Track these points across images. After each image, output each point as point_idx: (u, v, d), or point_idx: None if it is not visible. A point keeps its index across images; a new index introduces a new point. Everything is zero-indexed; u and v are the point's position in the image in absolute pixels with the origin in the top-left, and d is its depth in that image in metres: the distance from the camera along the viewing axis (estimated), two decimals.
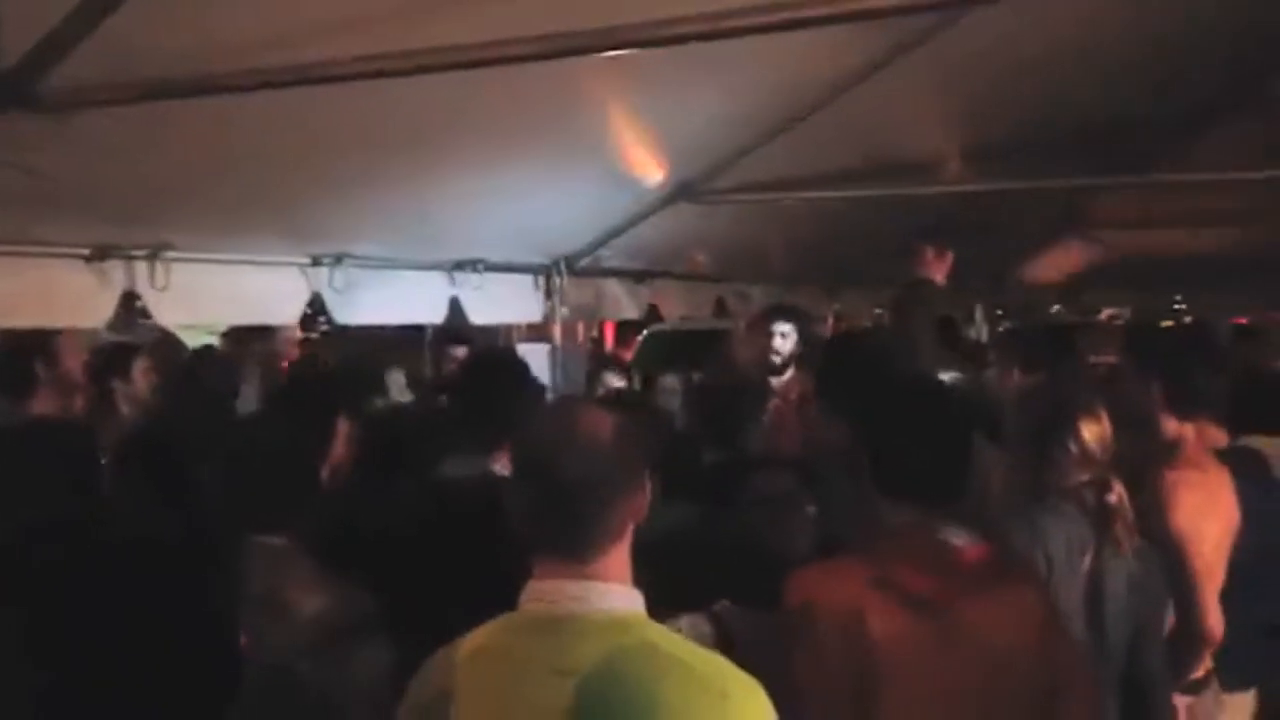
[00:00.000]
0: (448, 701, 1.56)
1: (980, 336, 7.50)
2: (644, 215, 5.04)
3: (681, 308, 6.55)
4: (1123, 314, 9.56)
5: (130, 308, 3.65)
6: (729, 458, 3.08)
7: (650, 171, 4.72)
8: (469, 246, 4.83)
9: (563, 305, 5.35)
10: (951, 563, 2.08)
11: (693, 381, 4.67)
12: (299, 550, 2.36)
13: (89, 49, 2.36)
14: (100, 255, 3.49)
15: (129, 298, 3.59)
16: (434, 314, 4.88)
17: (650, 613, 1.60)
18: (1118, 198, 6.72)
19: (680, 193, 4.92)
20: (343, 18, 2.69)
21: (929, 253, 4.89)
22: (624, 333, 8.09)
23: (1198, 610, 2.76)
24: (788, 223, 5.82)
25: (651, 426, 2.99)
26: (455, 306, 4.87)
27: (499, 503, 2.40)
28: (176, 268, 3.67)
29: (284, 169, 3.51)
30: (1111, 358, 5.45)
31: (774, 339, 5.03)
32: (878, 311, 7.86)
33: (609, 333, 8.21)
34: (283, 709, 2.16)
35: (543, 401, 2.87)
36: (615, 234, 5.18)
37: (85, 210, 3.32)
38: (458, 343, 5.20)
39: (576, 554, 1.56)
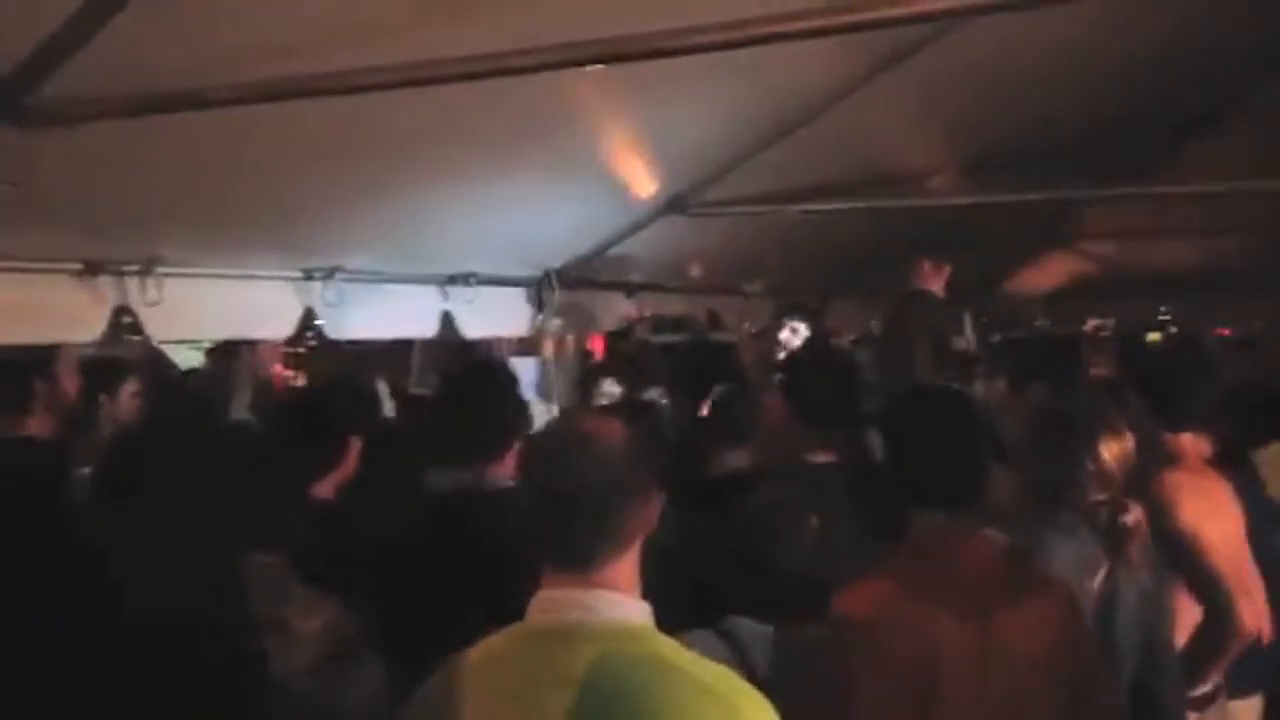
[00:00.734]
0: (456, 712, 1.55)
1: (970, 347, 7.52)
2: (636, 228, 5.04)
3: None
4: (1108, 325, 9.61)
5: (121, 323, 3.63)
6: (731, 470, 3.09)
7: (642, 184, 4.72)
8: (461, 260, 4.82)
9: (555, 318, 5.35)
10: (994, 563, 2.09)
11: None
12: (290, 567, 2.34)
13: (80, 63, 2.34)
14: (92, 270, 3.47)
15: (120, 313, 3.57)
16: (426, 328, 4.87)
17: (659, 628, 1.60)
18: (1105, 210, 6.75)
19: (672, 205, 4.93)
20: (335, 31, 2.69)
21: (926, 265, 4.92)
22: (614, 345, 8.09)
23: (1226, 601, 2.73)
24: (779, 235, 5.84)
25: (656, 436, 2.99)
26: (447, 320, 4.86)
27: (483, 515, 2.40)
28: (168, 282, 3.65)
29: (276, 183, 3.50)
30: (1104, 370, 5.47)
31: (784, 332, 5.03)
32: (872, 322, 7.87)
33: (598, 345, 8.19)
34: None
35: (527, 413, 2.86)
36: (607, 247, 5.18)
37: (76, 224, 3.30)
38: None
39: (585, 563, 1.55)
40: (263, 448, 2.56)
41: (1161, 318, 8.19)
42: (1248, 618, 2.75)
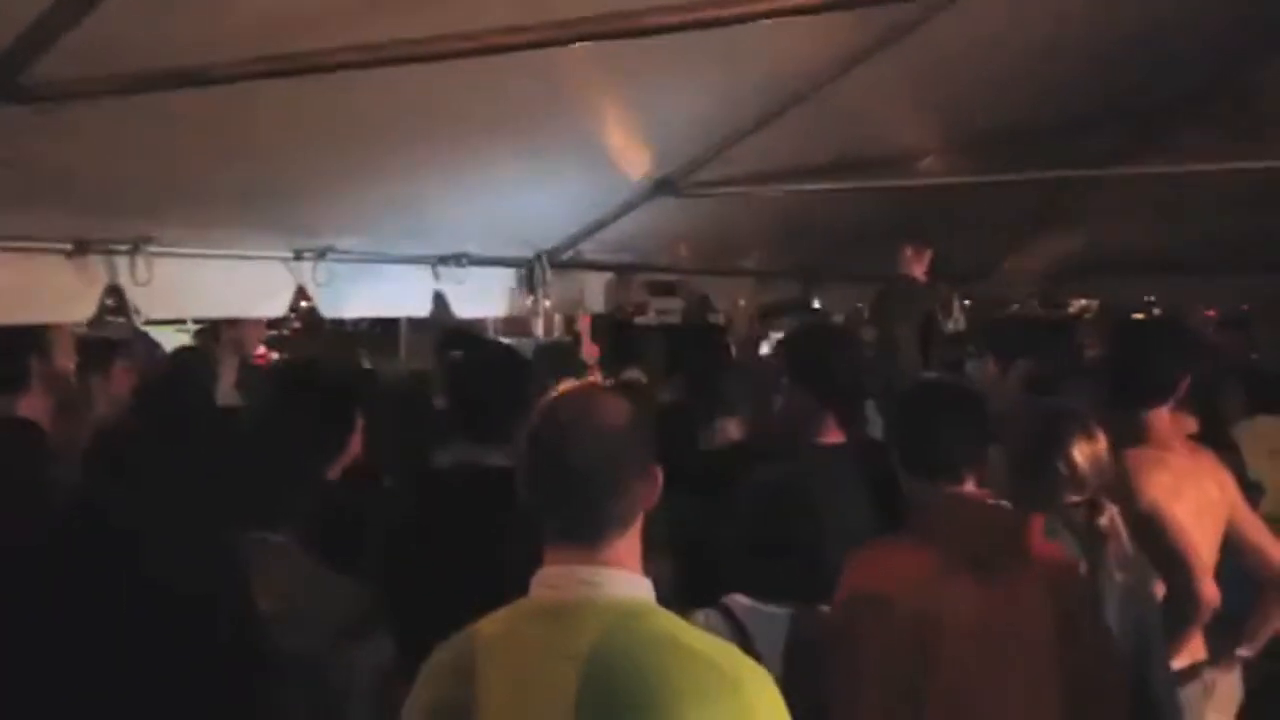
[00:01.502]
0: (467, 686, 1.55)
1: (959, 328, 7.55)
2: (627, 209, 5.04)
3: (665, 301, 6.57)
4: (1093, 306, 9.64)
5: (113, 303, 3.62)
6: (729, 447, 3.09)
7: (633, 165, 4.73)
8: (453, 241, 4.81)
9: (545, 299, 5.35)
10: (1002, 531, 2.11)
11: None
12: (297, 546, 2.35)
13: (73, 41, 2.34)
14: (82, 250, 3.45)
15: (112, 292, 3.56)
16: (418, 308, 4.87)
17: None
18: (1095, 191, 6.77)
19: (663, 186, 4.93)
20: (327, 9, 2.68)
21: (908, 250, 4.94)
22: (598, 328, 8.06)
23: (1187, 578, 2.75)
24: (770, 216, 5.84)
25: (654, 414, 3.00)
26: (440, 301, 4.86)
27: (492, 493, 2.41)
28: (159, 262, 3.62)
29: (268, 162, 3.49)
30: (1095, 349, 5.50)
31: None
32: (858, 306, 7.89)
33: (585, 327, 8.17)
34: (289, 707, 2.14)
35: (536, 393, 2.86)
36: (598, 227, 5.18)
37: (67, 204, 3.28)
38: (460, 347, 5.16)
39: (588, 539, 1.56)
40: (272, 427, 2.55)
41: (1147, 299, 8.21)
42: (1207, 592, 2.77)
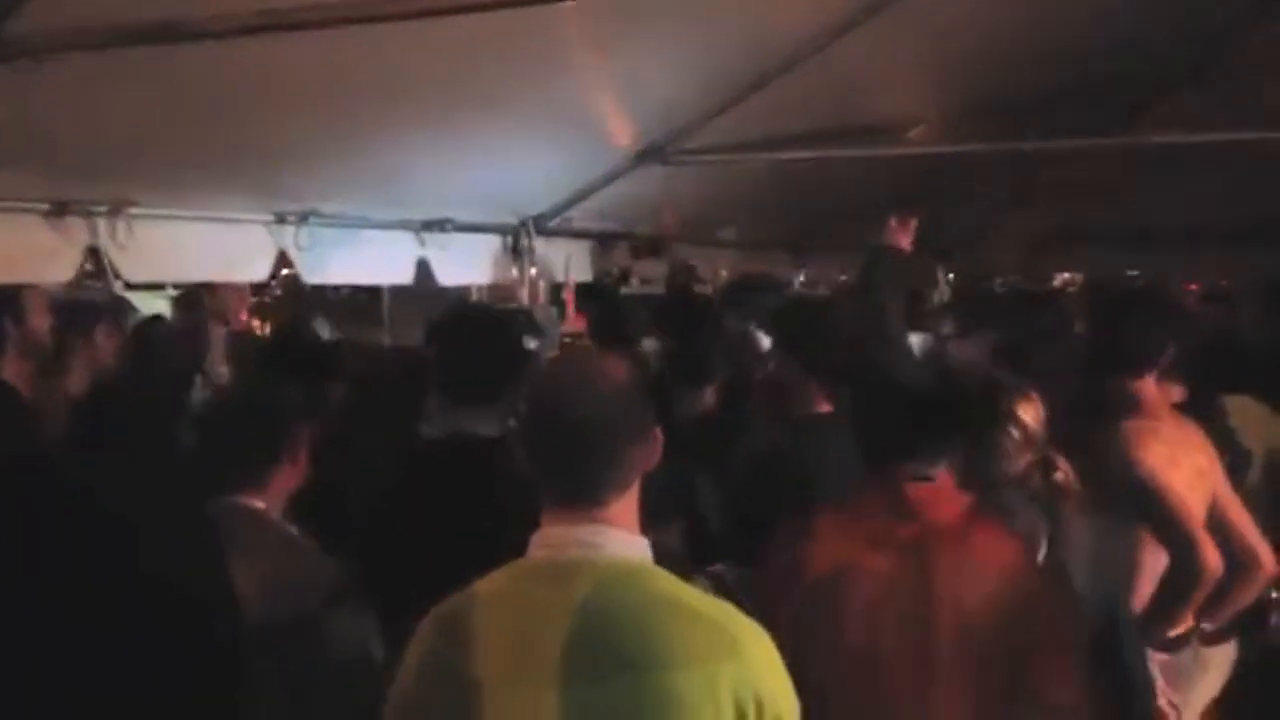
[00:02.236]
0: (459, 644, 1.54)
1: (944, 300, 7.56)
2: (614, 176, 5.00)
3: (649, 270, 6.54)
4: (1076, 280, 9.67)
5: (92, 266, 3.56)
6: (719, 415, 3.08)
7: (620, 132, 4.68)
8: (437, 206, 4.76)
9: (531, 266, 5.31)
10: (929, 506, 2.10)
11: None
12: (277, 513, 2.32)
13: None
14: (61, 210, 3.39)
15: (91, 255, 3.50)
16: (402, 274, 4.82)
17: None
18: (1082, 163, 6.77)
19: (650, 154, 4.89)
20: None
21: (892, 220, 4.91)
22: (582, 296, 8.02)
23: (1189, 546, 2.73)
24: (756, 186, 5.81)
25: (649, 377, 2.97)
26: (423, 268, 4.81)
27: (480, 462, 2.39)
28: (139, 224, 3.57)
29: (250, 123, 3.42)
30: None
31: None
32: (842, 278, 7.88)
33: (570, 295, 8.14)
34: (266, 677, 2.12)
35: (526, 361, 2.83)
36: (585, 195, 5.14)
37: (46, 164, 3.22)
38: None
39: (587, 499, 1.55)
40: (259, 391, 2.51)
41: (1130, 273, 8.23)
42: (1210, 559, 2.76)
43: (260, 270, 4.23)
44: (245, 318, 5.79)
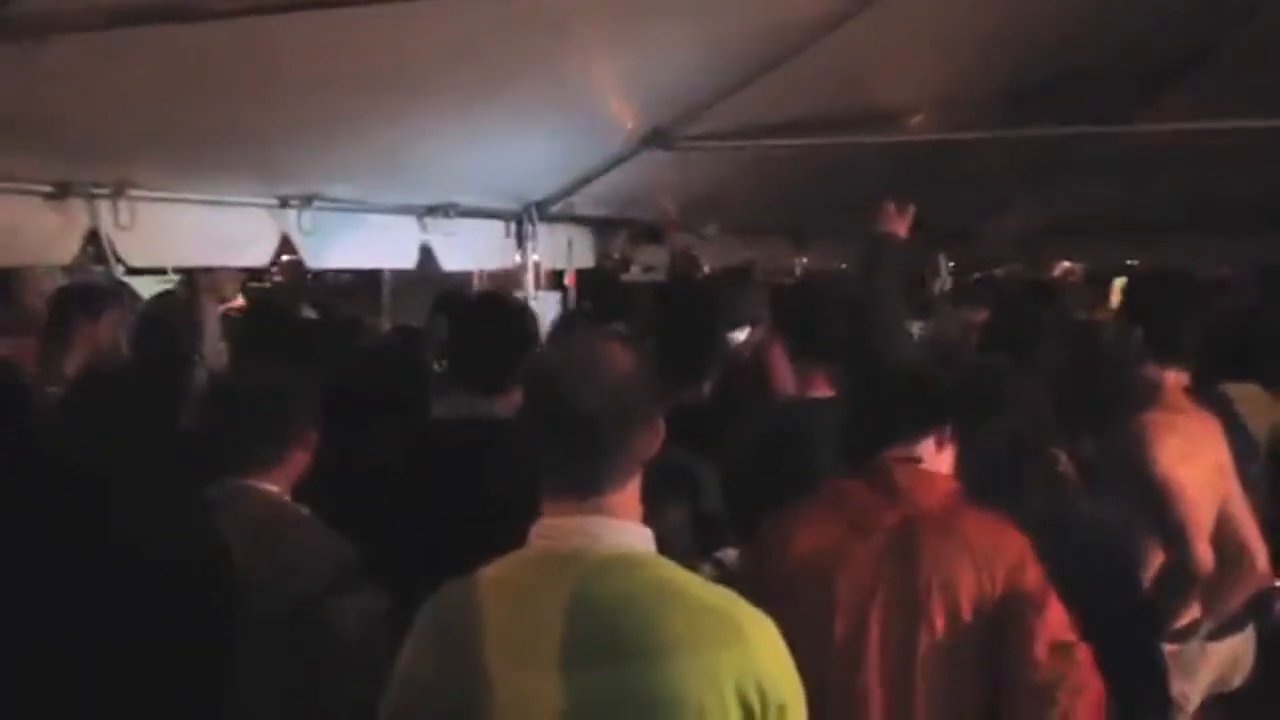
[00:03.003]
0: (467, 631, 1.54)
1: (944, 288, 7.56)
2: (617, 161, 4.99)
3: (650, 256, 6.52)
4: (1077, 269, 9.66)
5: (94, 250, 3.55)
6: (714, 401, 3.07)
7: (624, 117, 4.66)
8: (441, 191, 4.76)
9: (534, 252, 5.30)
10: (916, 491, 2.10)
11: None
12: (290, 495, 2.32)
13: None
14: (62, 192, 3.39)
15: (92, 239, 3.49)
16: (405, 259, 4.81)
17: None
18: (1085, 150, 6.75)
19: (654, 139, 4.87)
20: None
21: (890, 207, 4.90)
22: (584, 283, 8.01)
23: (1185, 549, 2.74)
24: (759, 173, 5.80)
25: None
26: (427, 254, 4.81)
27: (492, 445, 2.38)
28: (141, 207, 3.57)
29: (253, 106, 3.41)
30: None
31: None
32: (842, 266, 7.87)
33: (572, 282, 8.15)
34: (277, 659, 2.13)
35: (537, 345, 2.83)
36: (588, 180, 5.13)
37: (48, 145, 3.21)
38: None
39: (590, 487, 1.53)
40: (268, 374, 2.50)
41: (1130, 261, 8.23)
42: (1204, 560, 2.76)
43: (263, 254, 4.23)
44: (239, 301, 5.78)
